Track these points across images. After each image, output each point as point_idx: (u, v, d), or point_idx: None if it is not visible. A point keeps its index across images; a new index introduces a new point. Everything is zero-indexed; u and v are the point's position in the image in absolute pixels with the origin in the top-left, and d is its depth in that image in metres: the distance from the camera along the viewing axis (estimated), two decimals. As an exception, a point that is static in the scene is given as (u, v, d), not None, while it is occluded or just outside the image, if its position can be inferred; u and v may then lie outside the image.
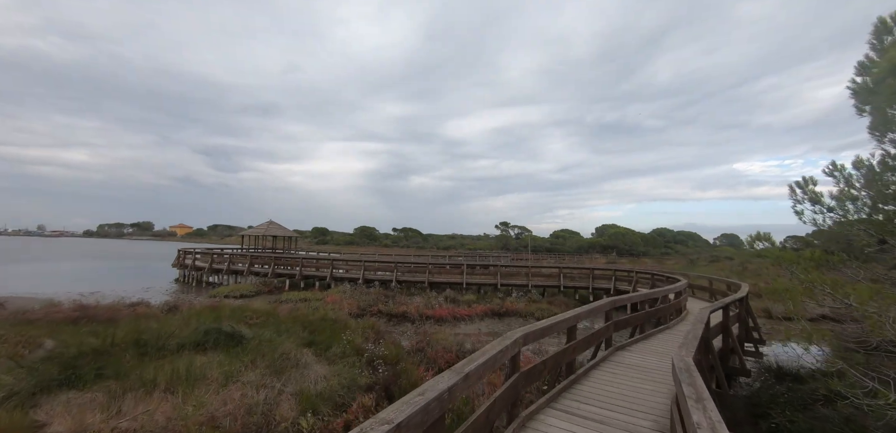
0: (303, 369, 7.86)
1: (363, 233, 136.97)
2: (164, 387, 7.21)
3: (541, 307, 18.63)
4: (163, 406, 6.44)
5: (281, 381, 7.41)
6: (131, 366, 8.01)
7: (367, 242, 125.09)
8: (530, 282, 21.87)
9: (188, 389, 7.11)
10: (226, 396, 6.99)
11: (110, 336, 9.10)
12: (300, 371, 7.79)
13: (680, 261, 57.11)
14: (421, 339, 11.39)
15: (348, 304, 18.24)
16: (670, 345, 8.28)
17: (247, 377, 7.56)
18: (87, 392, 7.00)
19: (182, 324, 10.97)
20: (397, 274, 22.47)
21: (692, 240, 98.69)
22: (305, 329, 11.48)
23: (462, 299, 19.34)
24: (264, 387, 7.26)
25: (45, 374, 7.26)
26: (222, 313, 12.78)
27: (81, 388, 7.10)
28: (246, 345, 8.96)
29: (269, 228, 43.17)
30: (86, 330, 10.21)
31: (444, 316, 16.57)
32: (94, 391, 7.05)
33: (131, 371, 7.73)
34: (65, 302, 17.44)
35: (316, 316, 13.19)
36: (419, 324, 16.08)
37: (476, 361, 3.20)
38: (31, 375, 7.10)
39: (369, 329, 12.42)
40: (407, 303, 18.12)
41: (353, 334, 11.48)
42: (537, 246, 79.29)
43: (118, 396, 6.69)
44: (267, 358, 8.16)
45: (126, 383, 7.29)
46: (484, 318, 17.48)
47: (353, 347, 9.58)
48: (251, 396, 6.95)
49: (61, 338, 9.20)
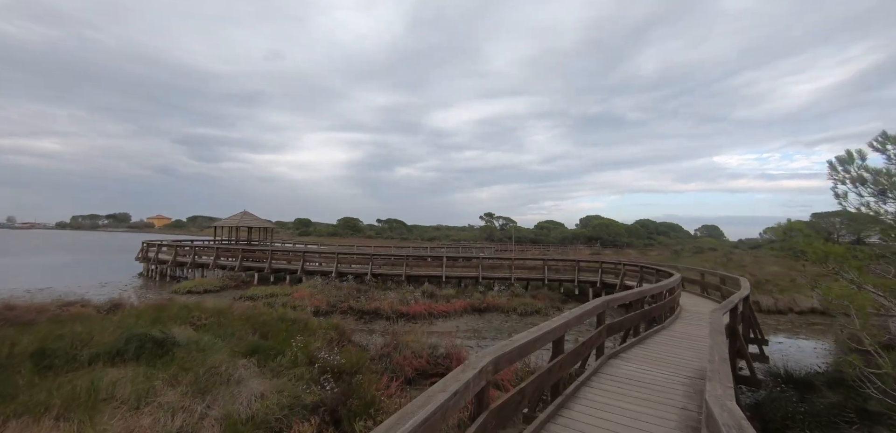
0: (236, 386, 6.53)
1: (346, 225, 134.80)
2: (56, 413, 5.82)
3: (524, 302, 17.55)
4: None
5: (205, 402, 6.07)
6: (25, 383, 6.57)
7: (351, 234, 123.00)
8: (513, 274, 20.78)
9: (87, 415, 5.73)
10: (133, 424, 5.64)
11: (7, 344, 7.60)
12: (232, 388, 6.46)
13: (663, 253, 57.01)
14: (389, 342, 10.13)
15: (317, 300, 16.88)
16: (669, 349, 7.20)
17: (165, 397, 6.20)
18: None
19: (113, 328, 9.49)
20: (373, 267, 21.13)
21: (674, 231, 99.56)
22: (256, 331, 10.12)
23: (440, 294, 18.13)
24: (184, 411, 5.92)
25: None
26: (167, 313, 11.30)
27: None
28: (174, 354, 7.57)
29: (244, 219, 41.20)
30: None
31: (419, 312, 15.34)
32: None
33: (22, 391, 6.30)
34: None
35: (273, 315, 11.81)
36: (392, 323, 14.83)
37: (415, 420, 1.97)
38: None
39: (333, 330, 11.12)
40: (381, 298, 16.83)
41: (311, 338, 10.18)
42: (521, 237, 78.67)
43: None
44: (193, 371, 6.80)
45: (10, 407, 5.87)
46: (463, 315, 16.32)
47: (306, 354, 8.27)
48: (164, 423, 5.61)
49: None
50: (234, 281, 22.55)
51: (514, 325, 15.21)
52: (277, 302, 17.43)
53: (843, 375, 6.94)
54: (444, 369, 8.96)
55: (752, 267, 32.23)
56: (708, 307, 12.71)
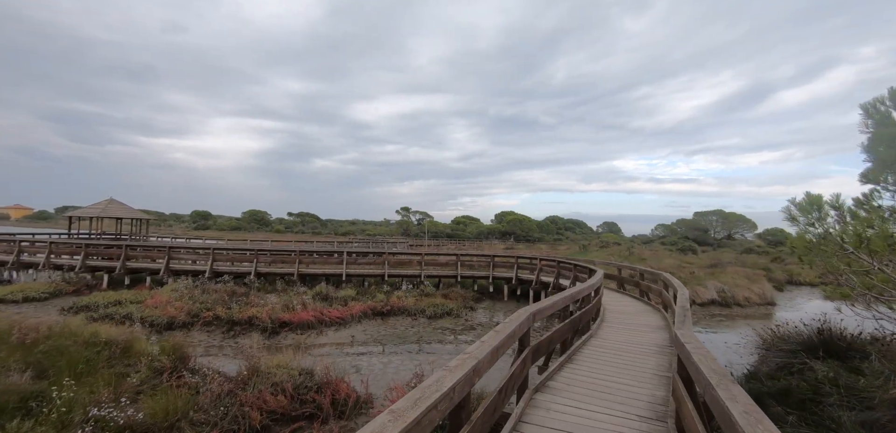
0: None
1: (253, 218, 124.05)
2: None
3: (434, 302, 15.59)
4: None
5: None
6: None
7: (257, 228, 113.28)
8: (424, 272, 18.75)
9: None
10: None
11: None
12: None
13: (572, 247, 59.52)
14: (244, 369, 7.40)
15: (175, 308, 13.28)
16: (607, 369, 5.56)
17: None
18: None
19: None
20: (258, 265, 17.70)
21: (579, 227, 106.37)
22: (31, 365, 6.76)
23: (338, 295, 15.46)
24: None
25: None
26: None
27: None
28: None
29: (108, 208, 34.18)
30: None
31: (307, 320, 12.57)
32: None
33: None
34: None
35: (79, 337, 8.32)
36: (269, 336, 11.91)
37: None
38: None
39: (167, 355, 8.03)
40: (260, 303, 13.71)
41: (126, 370, 7.13)
42: (438, 232, 77.60)
43: None
44: None
45: None
46: (362, 320, 13.86)
47: (90, 403, 5.32)
48: None
49: None
50: (72, 285, 17.58)
51: (422, 331, 13.15)
52: (120, 311, 13.52)
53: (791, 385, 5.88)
54: (314, 407, 6.54)
55: (650, 260, 34.00)
56: (630, 305, 11.76)
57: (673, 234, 77.04)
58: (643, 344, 7.15)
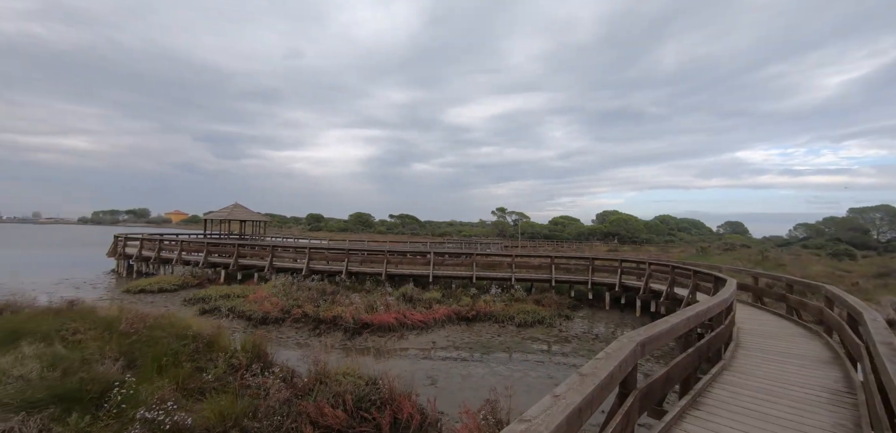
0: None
1: (358, 220, 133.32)
2: None
3: (524, 308, 14.20)
4: None
5: None
6: None
7: (362, 229, 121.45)
8: (514, 274, 17.42)
9: None
10: None
11: None
12: None
13: (687, 249, 52.72)
14: (311, 373, 6.99)
15: (271, 304, 13.88)
16: (755, 423, 3.86)
17: None
18: None
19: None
20: (348, 264, 18.05)
21: (696, 227, 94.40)
22: (123, 355, 7.10)
23: (423, 297, 14.92)
24: None
25: None
26: (37, 324, 8.38)
27: None
28: None
29: (234, 212, 38.70)
30: None
31: (388, 323, 12.15)
32: None
33: None
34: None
35: (174, 329, 8.74)
36: (350, 336, 11.70)
37: None
38: None
39: (246, 352, 8.02)
40: (346, 302, 13.71)
41: (209, 363, 7.16)
42: (535, 233, 74.69)
43: None
44: None
45: None
46: (446, 325, 13.07)
47: (141, 402, 5.19)
48: None
49: None
50: (197, 278, 19.81)
51: (509, 340, 11.90)
52: (227, 304, 14.56)
53: None
54: (373, 426, 5.78)
55: (791, 266, 28.11)
56: (773, 325, 9.15)
57: (819, 236, 64.10)
58: (807, 385, 5.10)
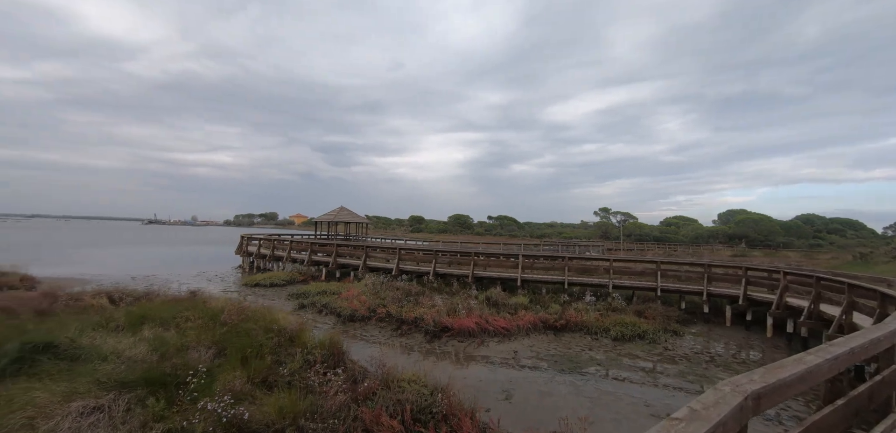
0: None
1: (457, 222, 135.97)
2: None
3: (622, 320, 12.62)
4: None
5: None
6: None
7: (460, 230, 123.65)
8: (612, 281, 15.70)
9: None
10: None
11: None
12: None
13: (840, 256, 43.44)
14: (376, 377, 6.80)
15: (360, 302, 14.35)
16: None
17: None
18: None
19: (60, 326, 7.92)
20: (436, 265, 18.02)
21: (852, 228, 77.39)
22: (215, 344, 7.66)
23: (508, 302, 14.16)
24: None
25: None
26: (159, 312, 9.62)
27: None
28: (38, 372, 5.31)
29: (340, 214, 41.86)
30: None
31: (469, 328, 11.66)
32: None
33: None
34: (88, 285, 16.38)
35: (262, 323, 9.30)
36: (430, 339, 11.45)
37: None
38: None
39: (322, 348, 8.16)
40: (428, 304, 13.56)
41: (287, 358, 7.39)
42: (643, 234, 68.02)
43: None
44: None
45: None
46: (531, 333, 12.15)
47: (211, 392, 5.38)
48: None
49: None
50: (302, 275, 21.59)
51: (602, 356, 10.58)
52: (322, 300, 15.43)
53: None
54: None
55: None
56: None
57: None
58: None
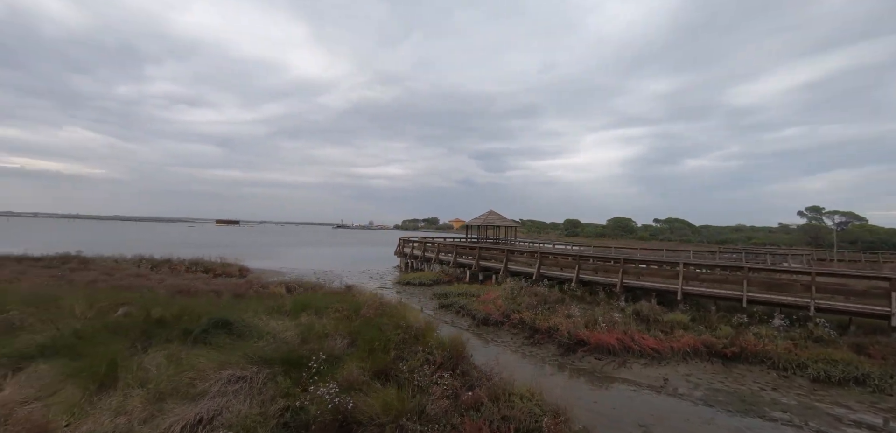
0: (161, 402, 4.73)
1: (617, 225, 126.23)
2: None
3: (829, 354, 9.47)
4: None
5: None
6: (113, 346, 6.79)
7: (620, 234, 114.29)
8: (815, 301, 11.97)
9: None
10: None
11: (143, 312, 8.46)
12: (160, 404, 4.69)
13: None
14: (482, 389, 6.43)
15: (496, 306, 14.19)
16: None
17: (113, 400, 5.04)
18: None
19: (240, 308, 9.79)
20: (580, 271, 16.60)
21: None
22: (350, 335, 8.37)
23: (662, 319, 12.12)
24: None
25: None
26: (311, 301, 11.16)
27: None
28: (217, 342, 6.57)
29: (489, 218, 42.69)
30: (174, 302, 10.18)
31: (608, 344, 10.32)
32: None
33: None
34: (273, 275, 20.34)
35: (394, 320, 9.83)
36: (565, 352, 10.50)
37: None
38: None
39: (443, 348, 8.20)
40: (565, 313, 12.53)
41: (410, 354, 7.67)
42: (878, 241, 50.82)
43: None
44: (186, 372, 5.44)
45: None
46: (689, 359, 10.09)
47: (332, 378, 5.78)
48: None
49: (136, 306, 9.25)
50: (448, 276, 22.58)
51: (793, 400, 8.05)
52: (460, 302, 15.78)
53: None
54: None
55: None
56: None
57: None
58: None
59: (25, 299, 9.17)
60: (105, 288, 11.95)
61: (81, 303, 8.88)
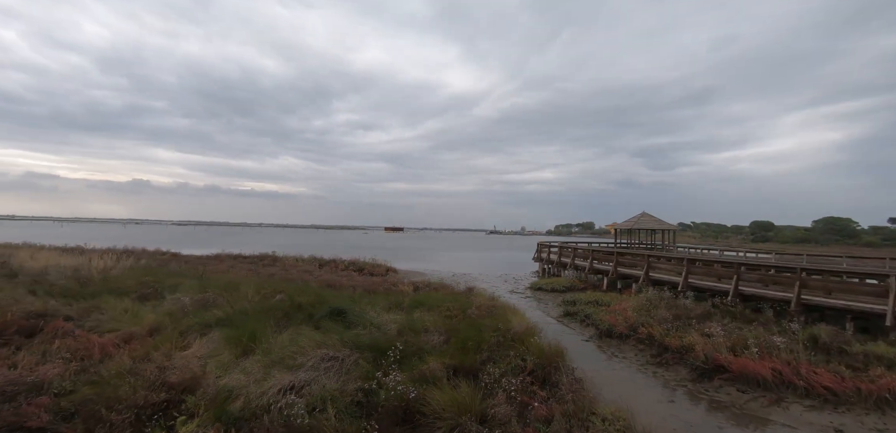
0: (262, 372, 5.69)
1: (827, 227, 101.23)
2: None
3: None
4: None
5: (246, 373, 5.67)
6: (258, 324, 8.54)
7: (831, 239, 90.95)
8: None
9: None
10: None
11: (288, 300, 10.30)
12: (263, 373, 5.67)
13: None
14: (554, 404, 5.92)
15: (624, 317, 12.87)
16: None
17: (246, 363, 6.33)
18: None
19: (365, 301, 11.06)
20: (739, 281, 13.65)
21: None
22: (447, 332, 8.68)
23: (853, 350, 9.21)
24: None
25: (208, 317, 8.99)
26: (427, 299, 11.92)
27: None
28: (327, 327, 7.66)
29: (640, 221, 38.61)
30: (316, 292, 12.10)
31: (758, 375, 8.33)
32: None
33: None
34: (416, 276, 22.25)
35: (498, 320, 9.75)
36: (699, 378, 8.88)
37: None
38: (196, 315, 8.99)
39: (538, 355, 7.85)
40: (706, 331, 10.53)
41: (500, 356, 7.64)
42: None
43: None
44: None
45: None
46: (886, 408, 7.43)
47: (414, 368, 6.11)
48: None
49: (288, 294, 11.34)
50: (582, 283, 21.24)
51: None
52: (587, 310, 14.76)
53: None
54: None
55: None
56: None
57: None
58: None
59: (222, 285, 12.14)
60: (277, 279, 14.94)
61: (253, 290, 11.31)
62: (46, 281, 12.97)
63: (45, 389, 6.04)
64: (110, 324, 9.13)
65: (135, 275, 13.56)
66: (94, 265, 15.08)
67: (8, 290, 11.58)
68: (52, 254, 19.06)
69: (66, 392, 6.01)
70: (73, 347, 7.80)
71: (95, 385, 5.95)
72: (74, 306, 10.50)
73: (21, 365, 6.91)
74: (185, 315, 9.58)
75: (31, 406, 5.61)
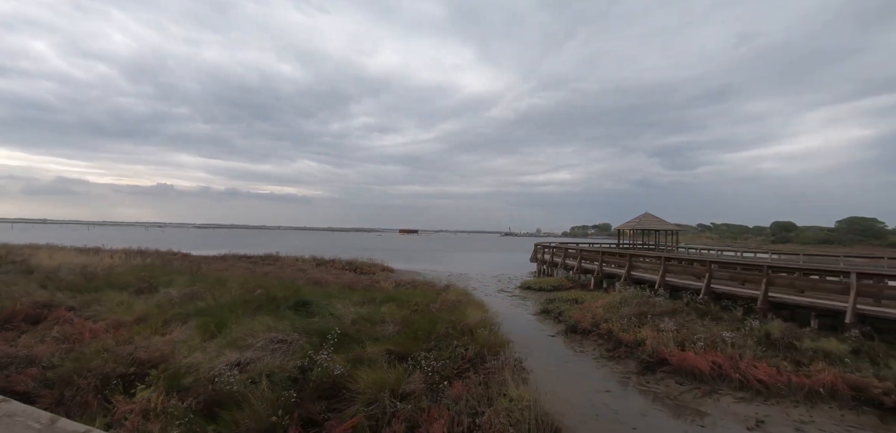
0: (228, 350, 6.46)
1: (851, 228, 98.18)
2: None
3: None
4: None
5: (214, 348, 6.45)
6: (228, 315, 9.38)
7: (856, 240, 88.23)
8: None
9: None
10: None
11: (269, 293, 11.15)
12: (233, 353, 6.44)
13: None
14: (470, 383, 6.50)
15: (592, 313, 13.33)
16: None
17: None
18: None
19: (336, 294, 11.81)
20: (711, 279, 13.88)
21: None
22: (401, 323, 9.34)
23: (804, 346, 9.47)
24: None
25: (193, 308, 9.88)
26: (399, 295, 12.61)
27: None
28: (288, 315, 8.46)
29: (642, 222, 38.57)
30: (295, 288, 12.95)
31: (696, 368, 8.72)
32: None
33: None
34: (409, 275, 22.96)
35: (456, 314, 10.36)
36: (643, 370, 9.32)
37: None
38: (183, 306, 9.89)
39: (478, 345, 8.44)
40: (657, 326, 10.90)
41: (452, 343, 8.25)
42: None
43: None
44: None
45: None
46: (816, 402, 7.74)
47: (351, 349, 6.80)
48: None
49: (273, 290, 12.21)
50: (570, 282, 21.59)
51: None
52: (559, 308, 15.20)
53: None
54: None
55: None
56: None
57: None
58: None
59: (211, 281, 13.09)
60: (269, 277, 15.85)
61: (237, 285, 12.21)
62: (57, 277, 14.17)
63: (35, 363, 6.97)
64: (105, 314, 10.11)
65: (136, 272, 14.69)
66: (101, 263, 16.32)
67: (22, 284, 12.77)
68: (68, 254, 20.52)
69: (52, 366, 6.92)
70: (68, 332, 8.77)
71: (77, 360, 6.84)
72: (78, 298, 11.57)
73: (20, 344, 7.90)
74: (171, 306, 10.51)
75: (20, 375, 6.54)
